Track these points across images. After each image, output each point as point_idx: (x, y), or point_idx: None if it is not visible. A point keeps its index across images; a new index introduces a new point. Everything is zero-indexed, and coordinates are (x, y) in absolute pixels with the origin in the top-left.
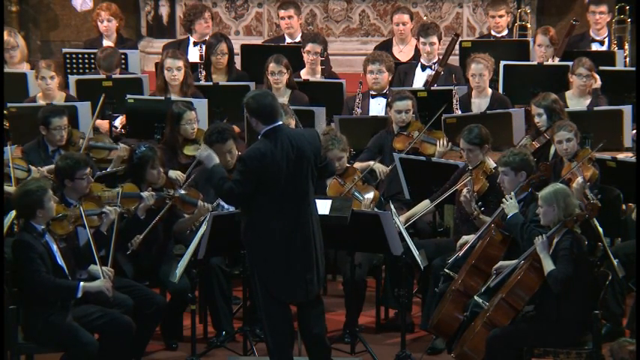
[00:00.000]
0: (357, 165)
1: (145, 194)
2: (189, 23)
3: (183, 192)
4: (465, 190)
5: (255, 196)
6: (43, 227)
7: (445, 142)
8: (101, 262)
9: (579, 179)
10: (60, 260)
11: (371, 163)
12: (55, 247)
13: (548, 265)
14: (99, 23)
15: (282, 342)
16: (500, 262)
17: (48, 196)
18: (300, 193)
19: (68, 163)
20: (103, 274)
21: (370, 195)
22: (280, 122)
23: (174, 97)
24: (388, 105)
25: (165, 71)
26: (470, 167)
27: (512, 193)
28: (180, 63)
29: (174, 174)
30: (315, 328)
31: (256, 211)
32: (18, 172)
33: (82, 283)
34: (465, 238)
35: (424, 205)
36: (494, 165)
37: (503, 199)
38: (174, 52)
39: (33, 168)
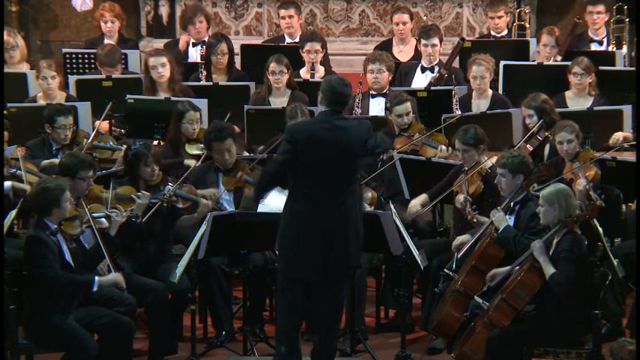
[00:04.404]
0: None
1: (137, 196)
2: (184, 26)
3: (174, 188)
4: (460, 197)
5: (291, 177)
6: (55, 226)
7: (446, 147)
8: (112, 261)
9: (582, 181)
10: (68, 258)
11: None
12: (65, 247)
13: (548, 269)
14: (102, 24)
15: (290, 324)
16: (494, 270)
17: (65, 196)
18: (334, 180)
19: (72, 161)
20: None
21: (368, 195)
22: (340, 109)
23: (162, 95)
24: (387, 109)
25: (151, 70)
26: (465, 168)
27: (499, 208)
28: (164, 59)
29: (207, 192)
30: (325, 312)
31: (289, 193)
32: (30, 177)
33: (97, 277)
34: (459, 238)
35: (423, 199)
36: (490, 164)
37: (491, 213)
38: (156, 50)
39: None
